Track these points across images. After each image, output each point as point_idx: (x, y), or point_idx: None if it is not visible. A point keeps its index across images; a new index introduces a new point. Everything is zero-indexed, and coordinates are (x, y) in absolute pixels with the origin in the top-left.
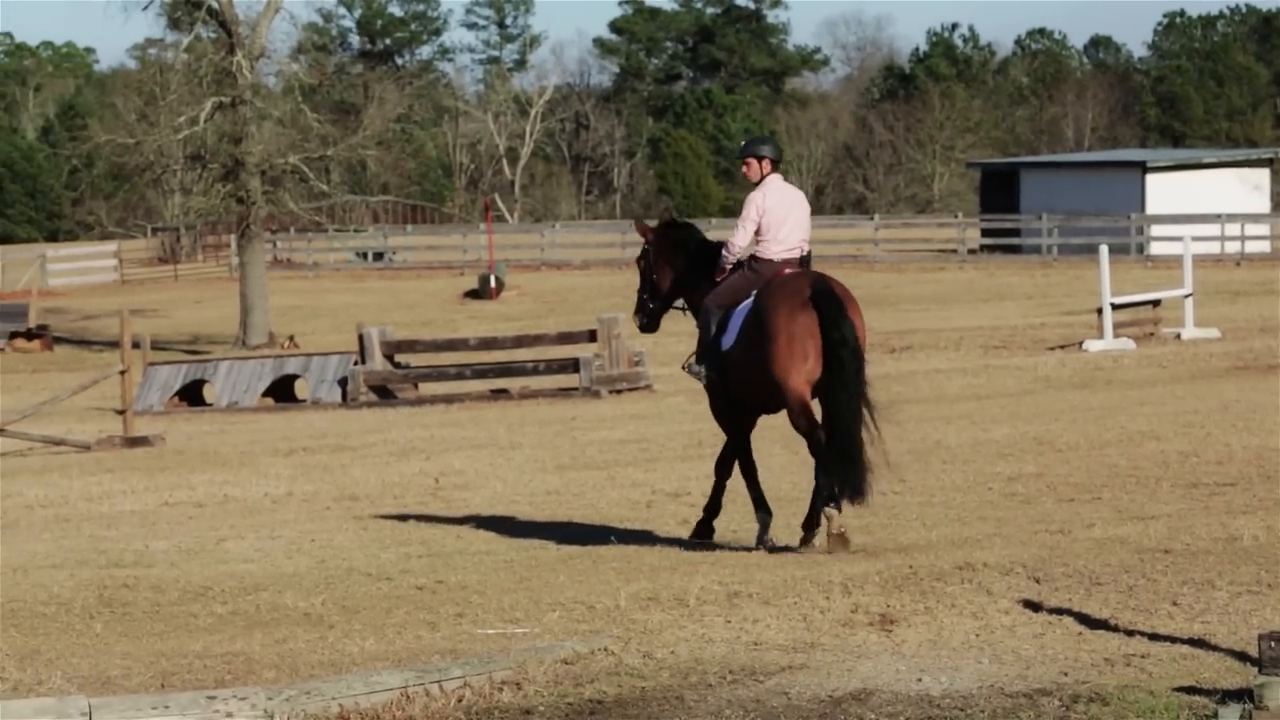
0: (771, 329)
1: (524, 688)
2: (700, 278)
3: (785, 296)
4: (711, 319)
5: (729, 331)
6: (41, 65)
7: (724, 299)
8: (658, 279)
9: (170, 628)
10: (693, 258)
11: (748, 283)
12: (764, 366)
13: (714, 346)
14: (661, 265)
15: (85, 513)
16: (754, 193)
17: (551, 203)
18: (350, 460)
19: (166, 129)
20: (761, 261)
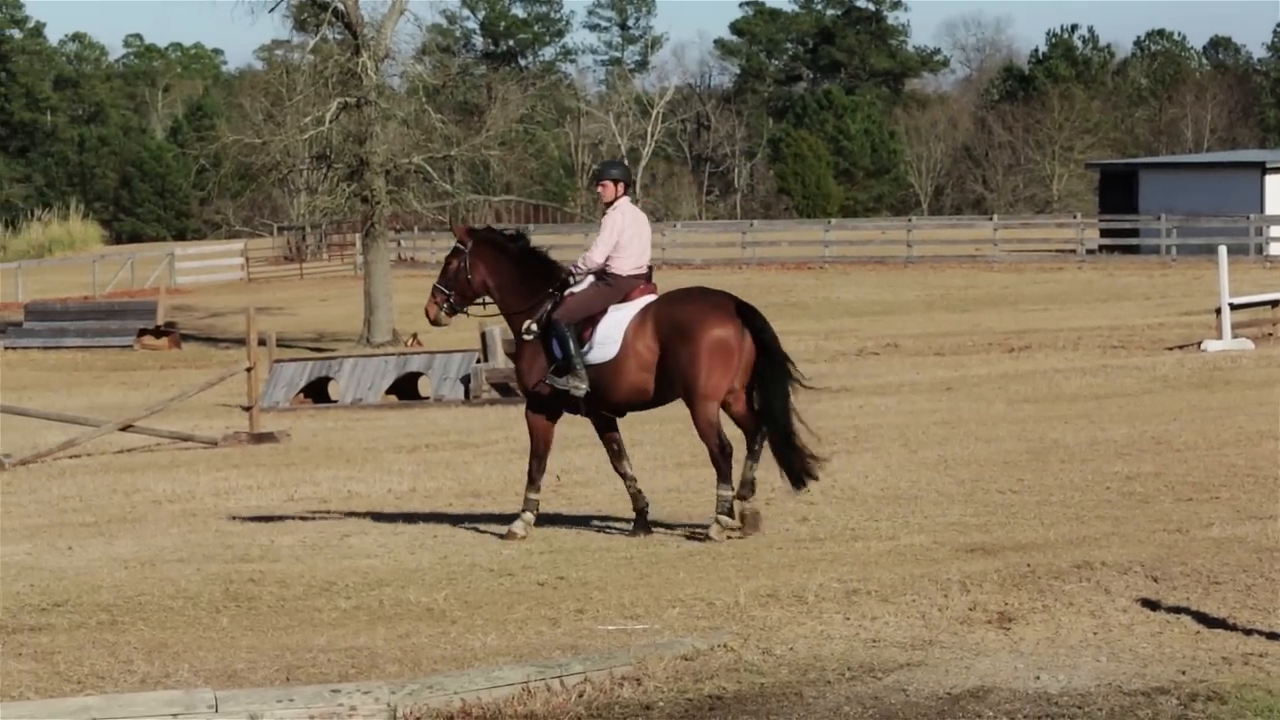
0: (699, 340)
1: (644, 683)
2: (520, 284)
3: (709, 309)
4: (568, 331)
5: (604, 343)
6: (170, 66)
7: (576, 313)
8: (472, 279)
9: (295, 622)
10: (516, 265)
11: (602, 296)
12: (684, 374)
13: (575, 358)
14: (478, 267)
15: (212, 507)
16: (612, 213)
17: (673, 202)
18: (472, 457)
19: (292, 129)
20: (615, 276)
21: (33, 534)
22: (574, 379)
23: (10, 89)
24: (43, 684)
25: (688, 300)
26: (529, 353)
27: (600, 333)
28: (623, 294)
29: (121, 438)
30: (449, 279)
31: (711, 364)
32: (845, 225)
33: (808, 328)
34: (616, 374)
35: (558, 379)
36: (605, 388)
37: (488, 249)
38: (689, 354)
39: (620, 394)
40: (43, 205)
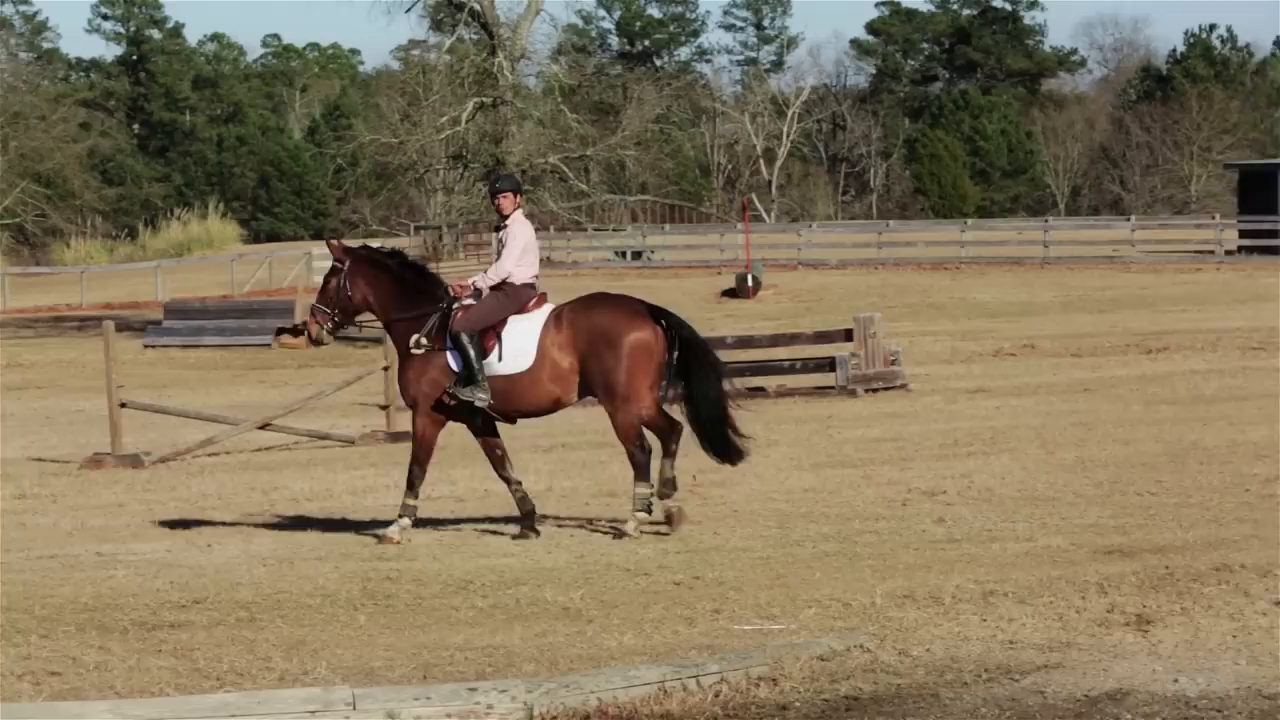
0: (621, 344)
1: (780, 684)
2: (401, 297)
3: (627, 313)
4: (469, 342)
5: (516, 354)
6: (308, 66)
7: (476, 323)
8: (353, 295)
9: (432, 620)
10: (395, 279)
11: (500, 306)
12: (606, 378)
13: (477, 370)
14: (357, 283)
15: (349, 505)
16: (517, 226)
17: (808, 202)
18: (609, 456)
19: (429, 129)
20: (513, 286)
21: (172, 530)
22: (478, 390)
23: (150, 89)
24: (182, 680)
25: (602, 306)
26: (417, 364)
27: (510, 344)
28: (520, 303)
29: (259, 436)
30: (329, 298)
31: (634, 367)
32: (982, 226)
33: (944, 328)
34: (532, 384)
35: (462, 390)
36: (516, 397)
37: (365, 265)
38: (612, 358)
39: (531, 403)
40: (182, 204)
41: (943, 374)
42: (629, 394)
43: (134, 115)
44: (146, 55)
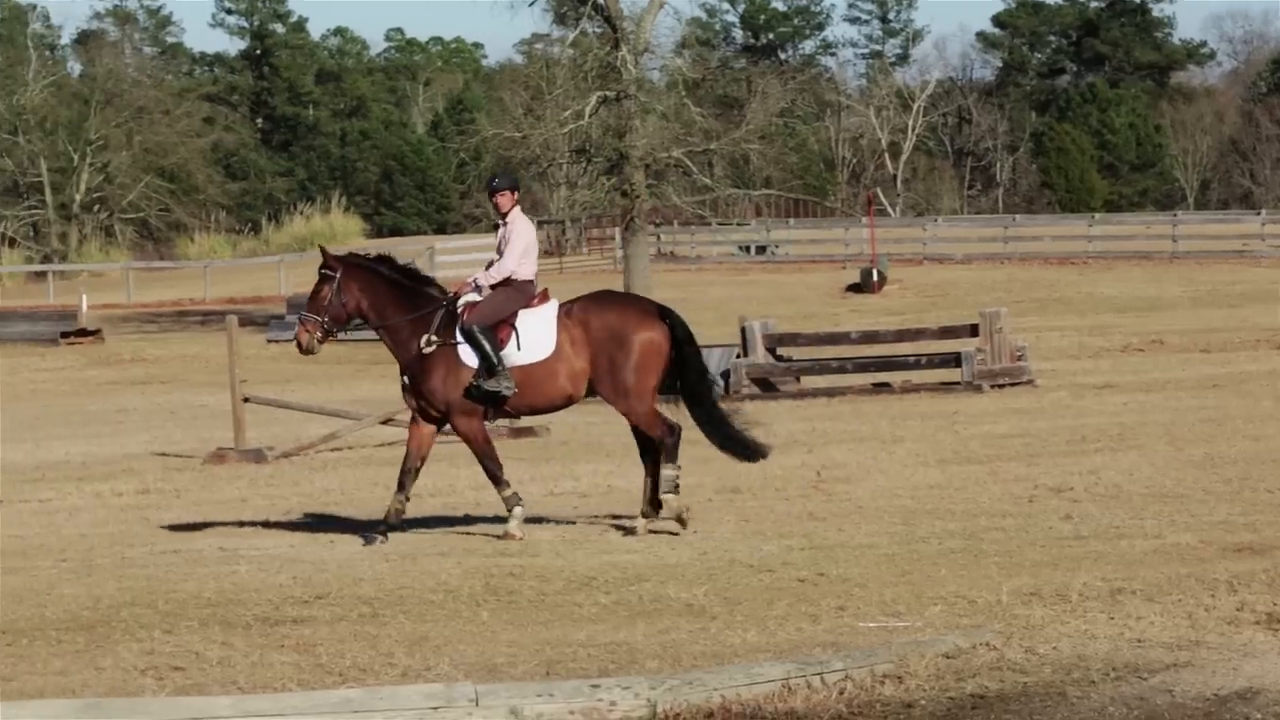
0: (633, 342)
1: (905, 681)
2: (398, 300)
3: (639, 312)
4: (483, 334)
5: (533, 345)
6: (431, 60)
7: (488, 317)
8: (346, 303)
9: (555, 616)
10: (390, 283)
11: (510, 300)
12: (617, 376)
13: (497, 360)
14: (350, 290)
15: (472, 501)
16: (519, 224)
17: (933, 196)
18: None
19: (552, 123)
20: (520, 282)
21: (295, 527)
22: (503, 379)
23: (273, 83)
24: (304, 676)
25: (613, 304)
26: (439, 366)
27: (526, 334)
28: (527, 298)
29: (382, 431)
30: (320, 305)
31: (646, 365)
32: (1109, 220)
33: (1071, 324)
34: (548, 376)
35: (487, 382)
36: (532, 390)
37: (358, 271)
38: (623, 357)
39: (546, 397)
40: (305, 199)
41: (1070, 369)
42: (640, 392)
43: (257, 110)
44: (270, 50)
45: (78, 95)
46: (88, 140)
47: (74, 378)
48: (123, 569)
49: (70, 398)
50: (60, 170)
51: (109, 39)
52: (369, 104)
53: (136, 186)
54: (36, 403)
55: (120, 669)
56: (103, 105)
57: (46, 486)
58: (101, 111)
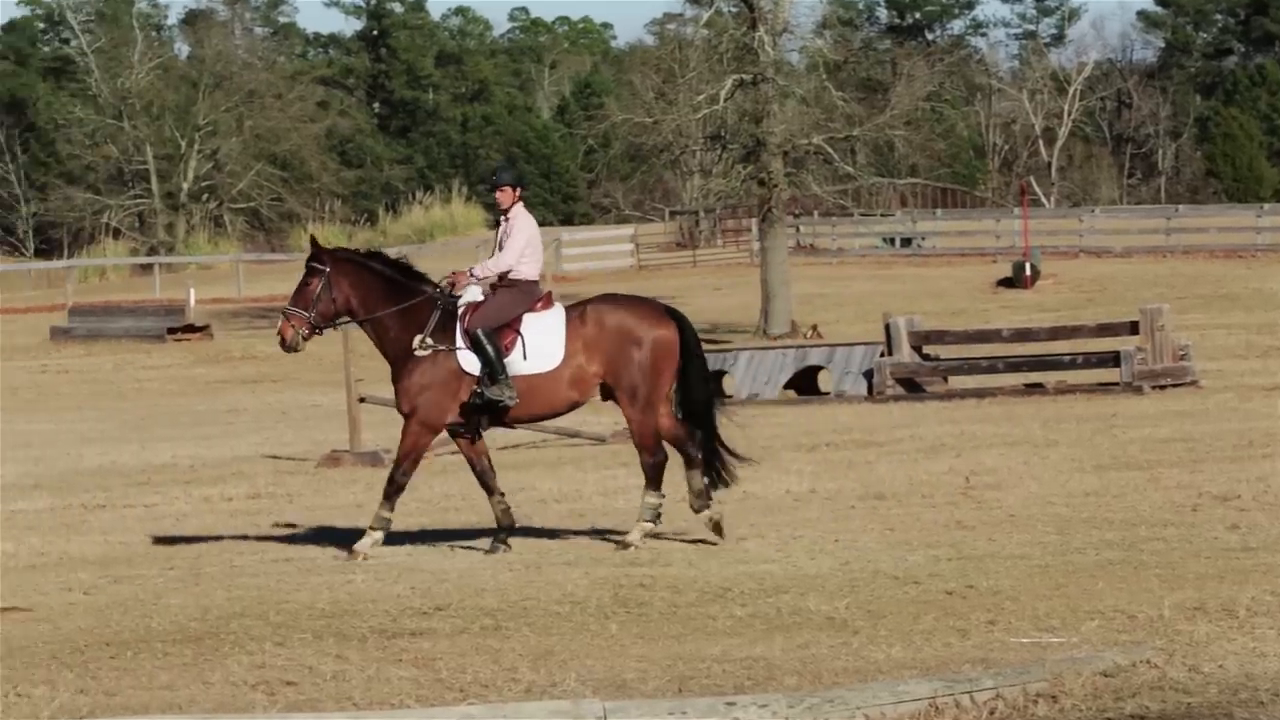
0: (650, 346)
1: (1060, 701)
2: (390, 298)
3: (652, 315)
4: (488, 343)
5: (539, 354)
6: (557, 42)
7: (492, 320)
8: (335, 298)
9: (687, 630)
10: (382, 279)
11: (514, 302)
12: (632, 381)
13: (500, 368)
14: (340, 284)
15: (600, 508)
16: (520, 220)
17: (1090, 186)
18: (876, 456)
19: (685, 108)
20: (525, 281)
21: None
22: (505, 388)
23: (391, 66)
24: (424, 691)
25: (625, 307)
26: (422, 367)
27: (532, 341)
28: (531, 299)
29: (506, 433)
30: (307, 300)
31: (659, 370)
32: None
33: (1238, 321)
34: (554, 386)
35: (490, 390)
36: (535, 399)
37: (348, 266)
38: (639, 361)
39: (548, 406)
40: (424, 187)
41: (1236, 370)
42: (655, 398)
43: (374, 93)
44: (388, 30)
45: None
46: (196, 126)
47: (181, 376)
48: (232, 578)
49: (177, 397)
50: (167, 157)
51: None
52: (492, 87)
53: (247, 174)
54: (142, 402)
55: (229, 683)
56: (212, 89)
57: (153, 490)
58: (210, 95)
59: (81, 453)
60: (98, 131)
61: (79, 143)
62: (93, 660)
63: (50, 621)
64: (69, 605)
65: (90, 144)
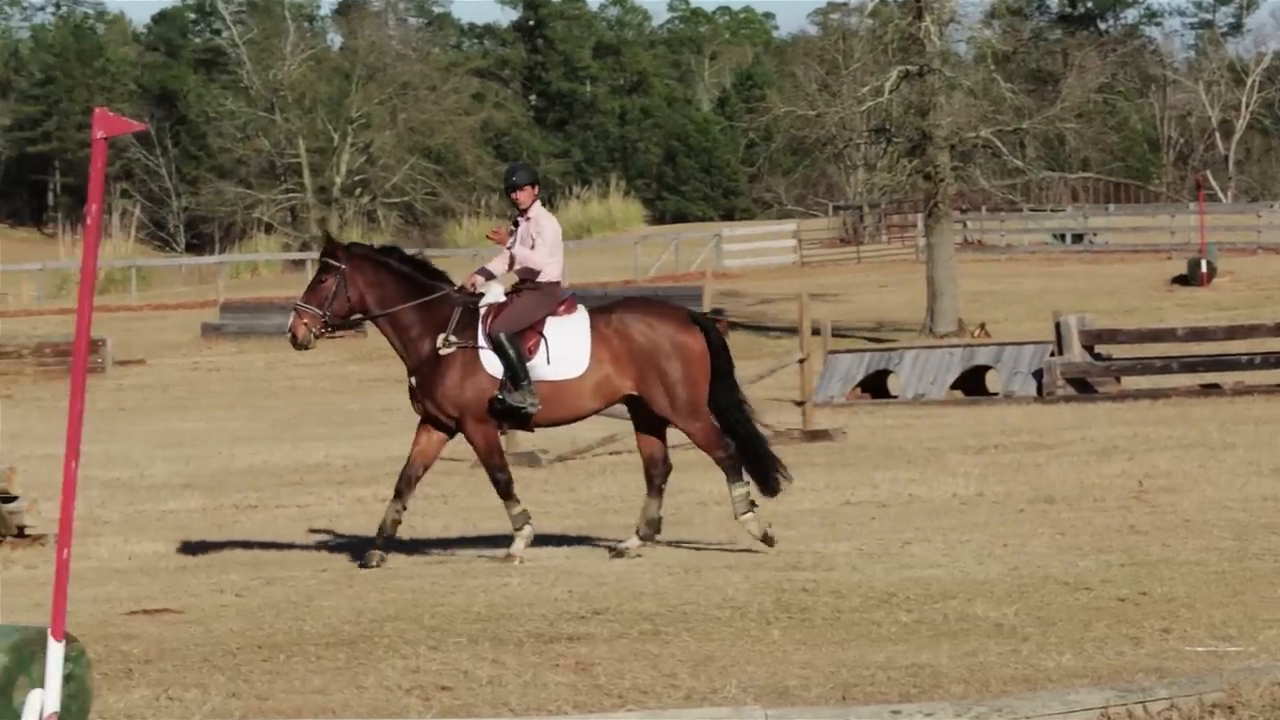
0: (688, 353)
1: (1236, 712)
2: (408, 296)
3: (683, 321)
4: (511, 347)
5: (564, 359)
6: (718, 32)
7: (516, 323)
8: (350, 296)
9: (851, 636)
10: (400, 277)
11: (539, 304)
12: (673, 390)
13: (524, 373)
14: (356, 282)
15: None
16: (544, 219)
17: (1269, 180)
18: (1045, 459)
19: (849, 100)
20: (549, 283)
21: (570, 535)
22: (528, 395)
23: (548, 57)
24: (581, 697)
25: (652, 313)
26: (456, 368)
27: (556, 346)
28: (555, 302)
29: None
30: (321, 297)
31: (697, 376)
32: None
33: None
34: (577, 393)
35: (512, 395)
36: (558, 405)
37: (365, 263)
38: (676, 370)
39: (569, 412)
40: (581, 182)
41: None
42: (699, 404)
43: (530, 85)
44: (544, 21)
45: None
46: (348, 119)
47: (334, 374)
48: (386, 580)
49: (330, 395)
50: (319, 151)
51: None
52: (651, 79)
53: (401, 168)
54: (295, 400)
55: (383, 688)
56: (365, 81)
57: (305, 491)
58: (363, 88)
59: (233, 452)
60: (249, 124)
61: (230, 136)
62: (245, 663)
63: (202, 623)
64: (221, 607)
65: (242, 137)
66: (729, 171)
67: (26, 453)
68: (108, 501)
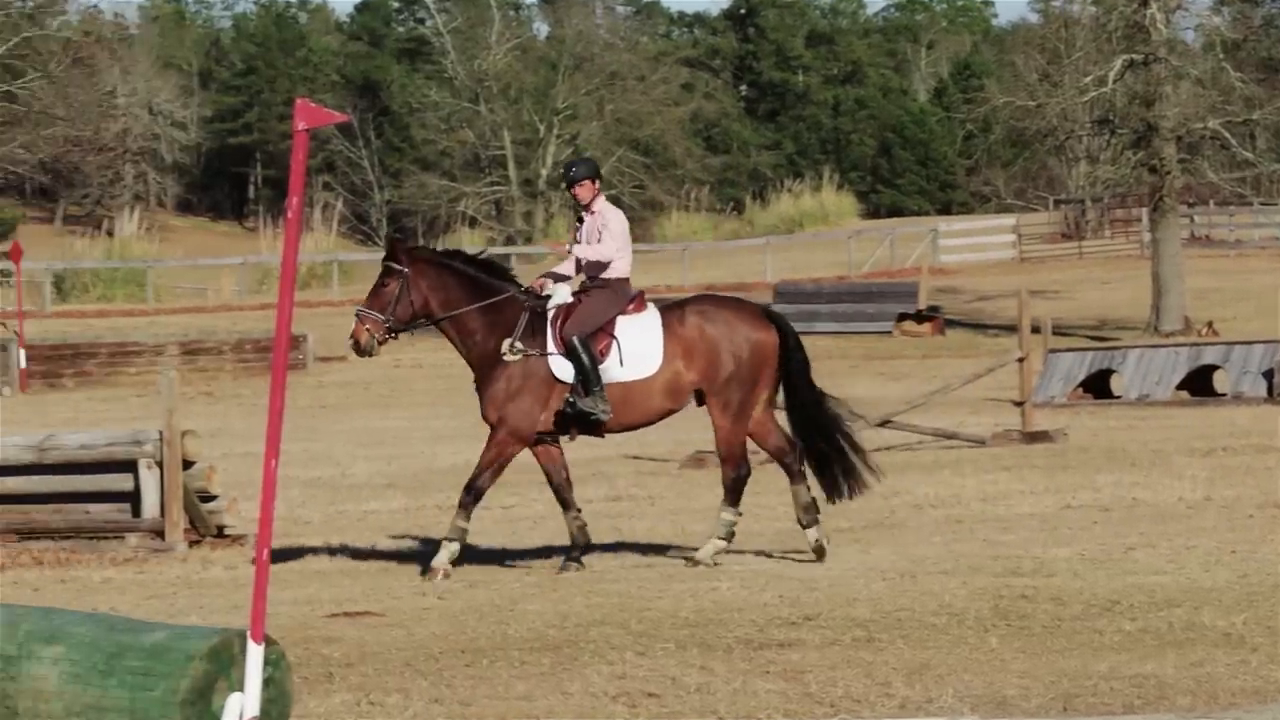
0: (751, 353)
1: None
2: (474, 299)
3: (758, 319)
4: (584, 351)
5: (637, 358)
6: (935, 20)
7: (588, 324)
8: (414, 301)
9: (1072, 645)
10: (464, 279)
11: (609, 303)
12: (727, 389)
13: (595, 378)
14: (419, 286)
15: (979, 514)
16: (610, 213)
17: None
18: (1276, 462)
19: (1071, 90)
20: (618, 280)
21: (782, 539)
22: (600, 401)
23: (759, 46)
24: (792, 706)
25: (724, 310)
26: (515, 376)
27: (629, 346)
28: (625, 300)
29: (878, 434)
30: (383, 302)
31: (758, 377)
32: None
33: None
34: (647, 394)
35: (584, 401)
36: (629, 408)
37: (429, 266)
38: (738, 367)
39: (641, 415)
40: (793, 175)
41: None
42: (746, 407)
43: (741, 75)
44: (756, 9)
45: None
46: (554, 109)
47: None
48: (592, 584)
49: None
50: (525, 142)
51: None
52: (865, 69)
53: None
54: None
55: (589, 694)
56: (571, 71)
57: (509, 492)
58: (570, 78)
59: (435, 451)
60: (453, 115)
61: (434, 127)
62: (447, 668)
63: (404, 627)
64: (423, 610)
65: (445, 128)
66: (946, 164)
67: (226, 451)
68: (308, 501)
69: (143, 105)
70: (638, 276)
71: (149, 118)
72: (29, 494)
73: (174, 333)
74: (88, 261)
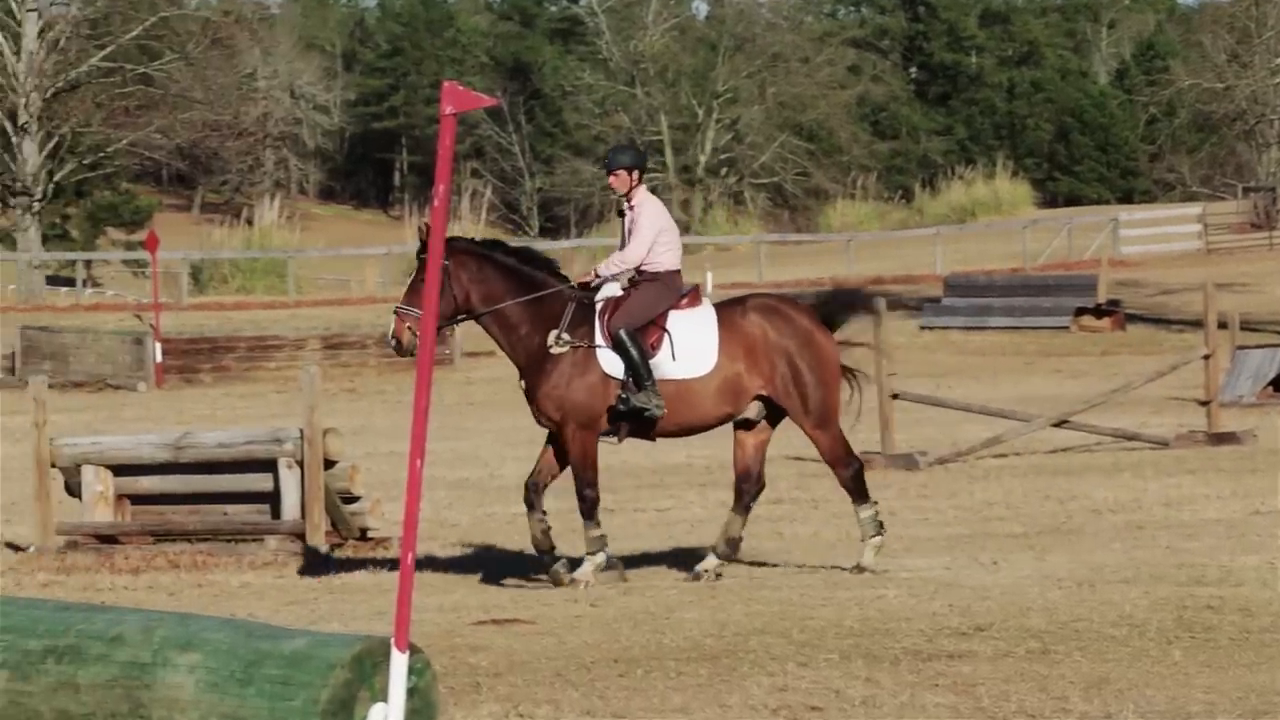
0: (828, 356)
1: None
2: (516, 292)
3: (813, 321)
4: (633, 345)
5: (690, 356)
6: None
7: (638, 318)
8: (455, 295)
9: (1261, 658)
10: (506, 271)
11: (659, 297)
12: (812, 394)
13: (647, 373)
14: (460, 281)
15: (1161, 519)
16: (645, 206)
17: None
18: None
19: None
20: (667, 273)
21: (952, 545)
22: (653, 396)
23: (930, 26)
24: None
25: (787, 311)
26: (567, 367)
27: (682, 342)
28: (676, 293)
29: (1054, 435)
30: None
31: (834, 381)
32: None
33: None
34: (704, 394)
35: (637, 396)
36: (685, 408)
37: (469, 259)
38: (815, 373)
39: (699, 417)
40: (965, 161)
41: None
42: (832, 411)
43: (911, 57)
44: None
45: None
46: (714, 93)
47: None
48: (752, 591)
49: None
50: (683, 127)
51: None
52: (1042, 49)
53: (770, 146)
54: None
55: (748, 706)
56: (732, 52)
57: (665, 493)
58: (731, 59)
59: None
60: (608, 99)
61: (588, 111)
62: (600, 678)
63: (554, 635)
64: (575, 618)
65: (600, 112)
66: (1127, 150)
67: (369, 450)
68: (455, 503)
69: (284, 88)
70: (802, 268)
71: (290, 101)
72: (165, 494)
73: (315, 326)
74: (226, 252)
